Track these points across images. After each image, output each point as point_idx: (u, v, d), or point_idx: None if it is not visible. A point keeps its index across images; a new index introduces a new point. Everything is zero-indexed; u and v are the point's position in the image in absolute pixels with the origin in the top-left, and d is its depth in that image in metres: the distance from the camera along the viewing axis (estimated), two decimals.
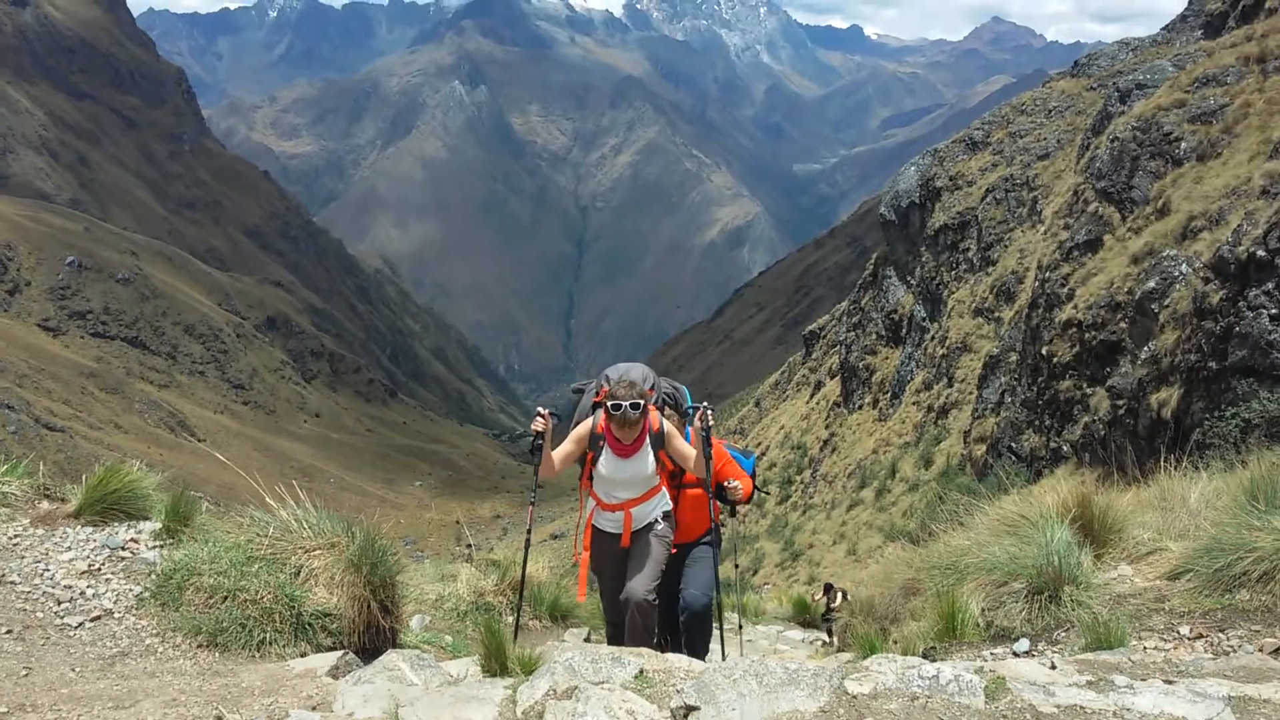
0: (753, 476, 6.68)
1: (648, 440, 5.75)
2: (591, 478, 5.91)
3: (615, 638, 6.05)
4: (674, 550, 6.00)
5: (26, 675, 4.27)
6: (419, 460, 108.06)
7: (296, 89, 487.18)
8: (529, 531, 6.43)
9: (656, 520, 5.86)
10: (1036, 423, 24.49)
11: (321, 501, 5.96)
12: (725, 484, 6.11)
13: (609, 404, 5.57)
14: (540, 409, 5.67)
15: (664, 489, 5.93)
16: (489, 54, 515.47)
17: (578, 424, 5.97)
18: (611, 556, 5.89)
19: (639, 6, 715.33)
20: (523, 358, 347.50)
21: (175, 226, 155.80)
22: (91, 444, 64.83)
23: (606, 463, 5.75)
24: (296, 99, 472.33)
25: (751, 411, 69.68)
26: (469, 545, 54.91)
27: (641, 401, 5.54)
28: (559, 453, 5.78)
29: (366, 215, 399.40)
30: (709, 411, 5.75)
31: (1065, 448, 22.47)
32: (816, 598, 14.48)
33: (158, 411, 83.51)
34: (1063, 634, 4.75)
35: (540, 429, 5.64)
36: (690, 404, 6.40)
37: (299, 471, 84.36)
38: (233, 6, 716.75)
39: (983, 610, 5.21)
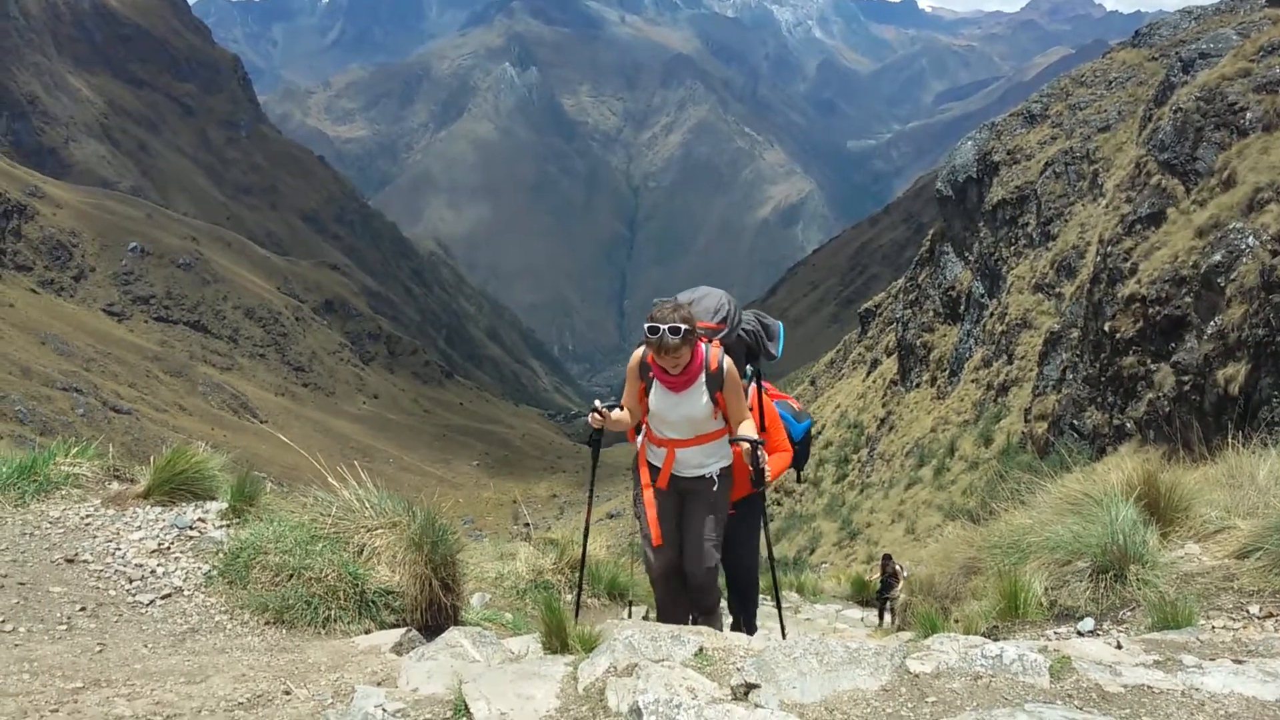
0: (808, 441, 5.93)
1: (702, 378, 5.10)
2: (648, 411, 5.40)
3: (668, 601, 5.62)
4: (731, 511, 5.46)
5: (101, 651, 4.39)
6: (476, 440, 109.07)
7: (349, 74, 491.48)
8: (588, 514, 6.19)
9: (711, 478, 5.28)
10: (1099, 400, 24.11)
11: (381, 481, 6.04)
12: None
13: (646, 326, 4.93)
14: (597, 403, 5.29)
15: (724, 439, 5.27)
16: (539, 35, 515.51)
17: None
18: (665, 502, 5.39)
19: None
20: (576, 338, 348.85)
21: (233, 212, 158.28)
22: (157, 426, 66.30)
23: (656, 395, 5.21)
24: (350, 83, 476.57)
25: (807, 390, 69.33)
26: (527, 524, 55.42)
27: (683, 326, 4.82)
28: (625, 395, 5.42)
29: (420, 198, 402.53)
30: (758, 451, 5.01)
31: (1129, 425, 22.11)
32: (873, 576, 14.27)
33: (220, 394, 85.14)
34: (1128, 613, 4.68)
35: (597, 425, 5.33)
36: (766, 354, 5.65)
37: (358, 451, 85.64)
38: None
39: (1046, 589, 5.15)
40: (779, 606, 6.27)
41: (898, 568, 13.03)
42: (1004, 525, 6.52)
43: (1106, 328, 23.29)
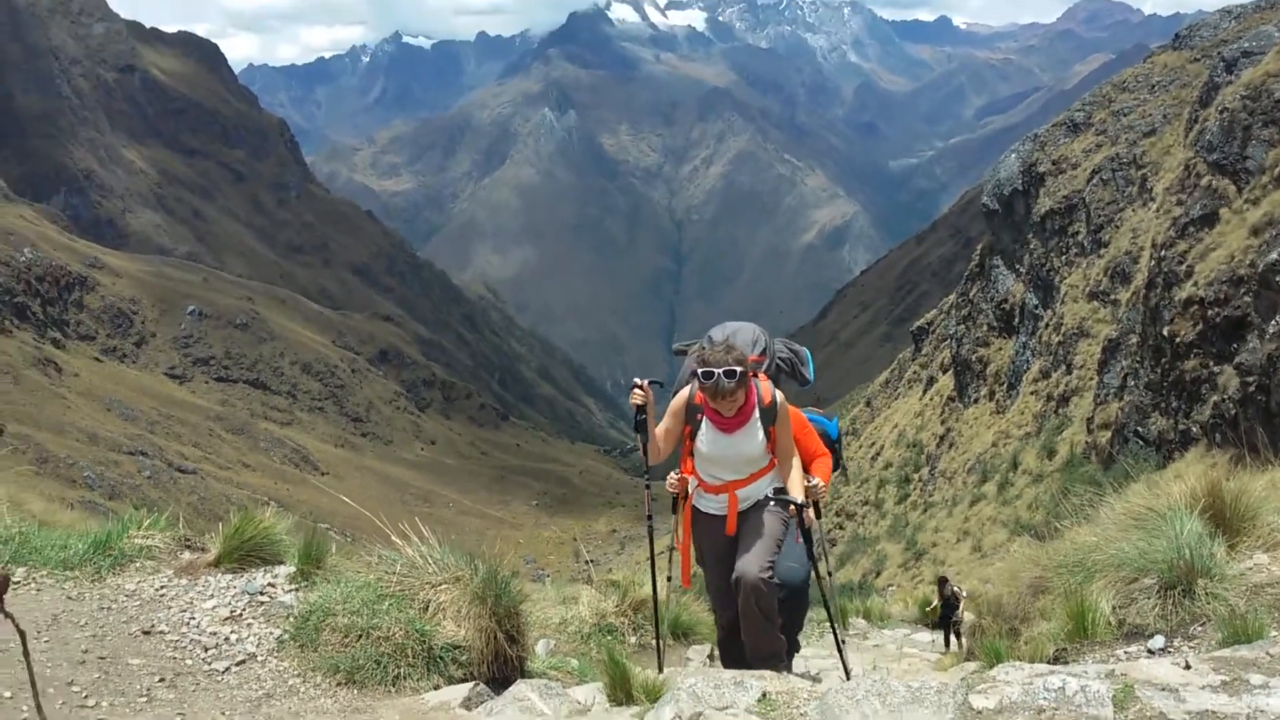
0: (840, 440, 5.95)
1: (756, 414, 4.98)
2: (692, 453, 5.18)
3: (729, 642, 5.45)
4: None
5: None
6: (533, 480, 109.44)
7: (393, 129, 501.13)
8: (651, 547, 5.77)
9: (767, 496, 5.10)
10: (1163, 405, 23.67)
11: (442, 527, 6.13)
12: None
13: (699, 371, 4.81)
14: (638, 380, 5.09)
15: (776, 467, 5.14)
16: (576, 79, 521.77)
17: (677, 392, 5.31)
18: (716, 544, 5.17)
19: (721, 19, 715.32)
20: (627, 374, 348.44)
21: (287, 270, 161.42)
22: (222, 484, 67.43)
23: (707, 438, 5.02)
24: (393, 139, 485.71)
25: (863, 411, 68.79)
26: (588, 561, 55.37)
27: (738, 368, 4.72)
28: (660, 430, 5.14)
29: (467, 245, 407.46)
30: (802, 514, 4.89)
31: (1195, 429, 21.67)
32: (933, 604, 14.09)
33: (282, 448, 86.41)
34: (1199, 628, 4.60)
35: (640, 401, 5.06)
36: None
37: (419, 498, 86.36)
38: (328, 55, 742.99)
39: (1114, 608, 5.08)
40: (840, 644, 5.95)
41: (956, 589, 12.87)
42: (1069, 543, 6.44)
43: (1166, 332, 22.92)
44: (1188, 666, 3.63)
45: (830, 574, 5.93)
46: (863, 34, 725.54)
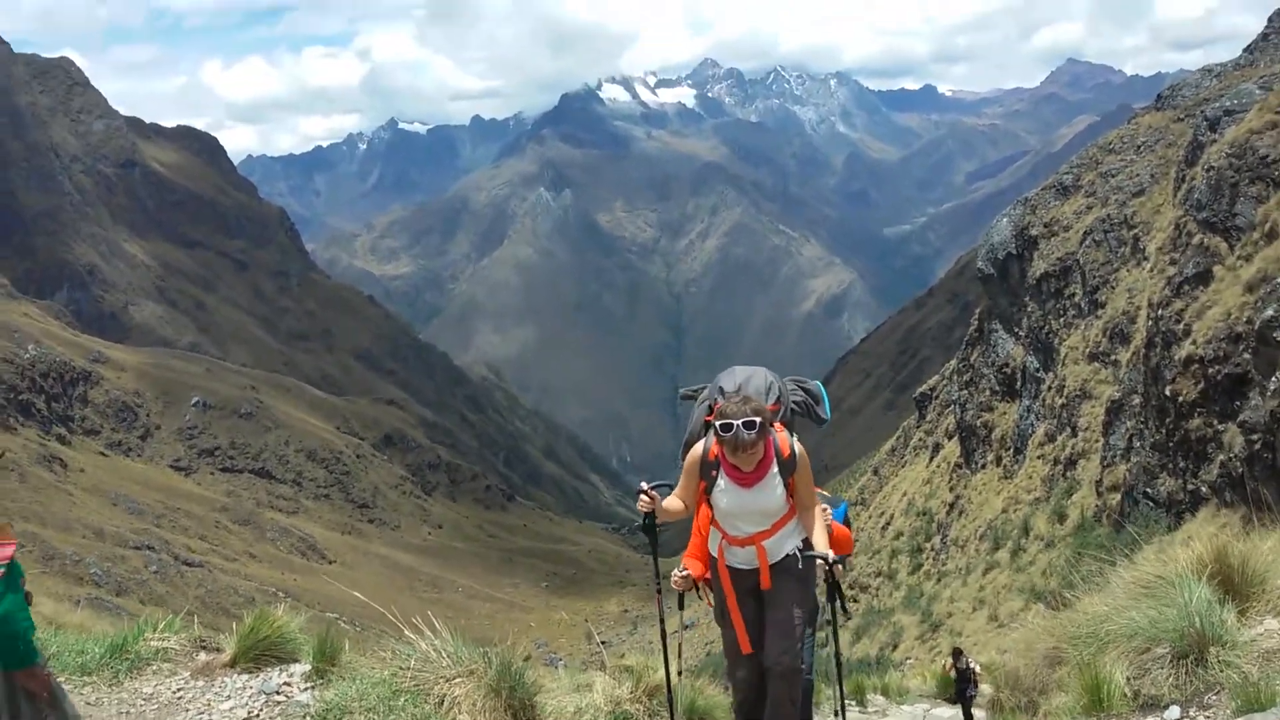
0: (846, 525, 5.90)
1: (774, 467, 4.83)
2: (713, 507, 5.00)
3: (745, 708, 5.20)
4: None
5: None
6: (542, 561, 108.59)
7: (391, 214, 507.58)
8: (663, 626, 5.68)
9: (795, 554, 4.91)
10: (1170, 465, 23.62)
11: (452, 612, 6.20)
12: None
13: (717, 425, 4.65)
14: (643, 485, 4.97)
15: (797, 517, 4.98)
16: (570, 158, 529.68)
17: (688, 445, 5.16)
18: (748, 600, 4.98)
19: (710, 94, 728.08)
20: (633, 448, 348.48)
21: (289, 357, 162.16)
22: (229, 575, 66.92)
23: (725, 493, 4.86)
24: (392, 223, 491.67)
25: (871, 480, 68.50)
26: (601, 643, 54.70)
27: (758, 419, 4.57)
28: (676, 494, 5.06)
29: (468, 326, 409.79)
30: (833, 568, 4.94)
31: (1204, 489, 21.60)
32: (947, 666, 14.02)
33: (288, 538, 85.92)
34: (1213, 697, 4.61)
35: (647, 509, 4.94)
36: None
37: (427, 583, 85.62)
38: (325, 144, 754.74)
39: (1128, 679, 5.09)
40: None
41: (971, 664, 12.78)
42: (1081, 613, 6.46)
43: (1168, 391, 22.97)
44: None
45: (836, 647, 5.87)
46: (850, 104, 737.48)
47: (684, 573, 5.26)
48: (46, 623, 7.37)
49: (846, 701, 12.67)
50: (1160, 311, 24.96)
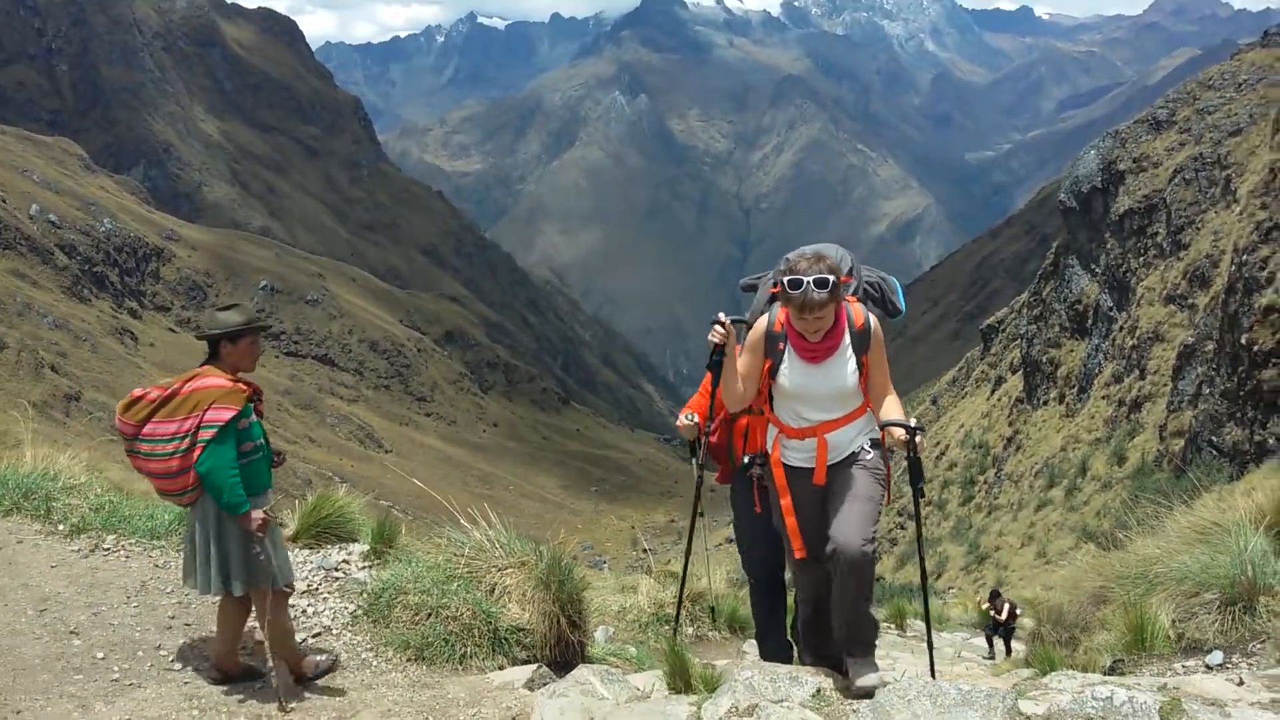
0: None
1: (846, 338, 4.31)
2: (772, 396, 4.47)
3: (809, 627, 4.74)
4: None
5: (261, 688, 4.75)
6: (593, 466, 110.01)
7: (465, 109, 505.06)
8: (697, 493, 5.14)
9: (863, 449, 4.36)
10: (1238, 415, 23.16)
11: (502, 509, 6.32)
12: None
13: (785, 280, 4.14)
14: (721, 315, 4.36)
15: (869, 413, 4.42)
16: (648, 62, 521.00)
17: (752, 324, 4.57)
18: (805, 500, 4.37)
19: (797, 4, 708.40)
20: (690, 362, 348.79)
21: (357, 248, 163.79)
22: (289, 458, 68.80)
23: (790, 371, 4.32)
24: (465, 118, 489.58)
25: (929, 410, 68.05)
26: (645, 550, 55.63)
27: (830, 277, 4.08)
28: (738, 368, 4.41)
29: (534, 228, 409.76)
30: (916, 438, 4.25)
31: (1271, 441, 21.21)
32: (983, 605, 14.09)
33: (348, 425, 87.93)
34: (1258, 646, 4.60)
35: (720, 340, 4.32)
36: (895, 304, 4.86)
37: (480, 479, 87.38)
38: (403, 35, 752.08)
39: (1173, 621, 5.08)
40: (930, 640, 5.42)
41: (1009, 604, 12.93)
42: (1132, 554, 6.42)
43: (1244, 340, 22.39)
44: (1241, 683, 3.65)
45: (922, 553, 5.29)
46: (941, 22, 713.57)
47: (691, 419, 4.81)
48: (115, 489, 7.67)
49: (886, 625, 12.82)
50: (1245, 257, 24.20)
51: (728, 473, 5.19)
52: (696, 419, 4.85)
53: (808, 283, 4.05)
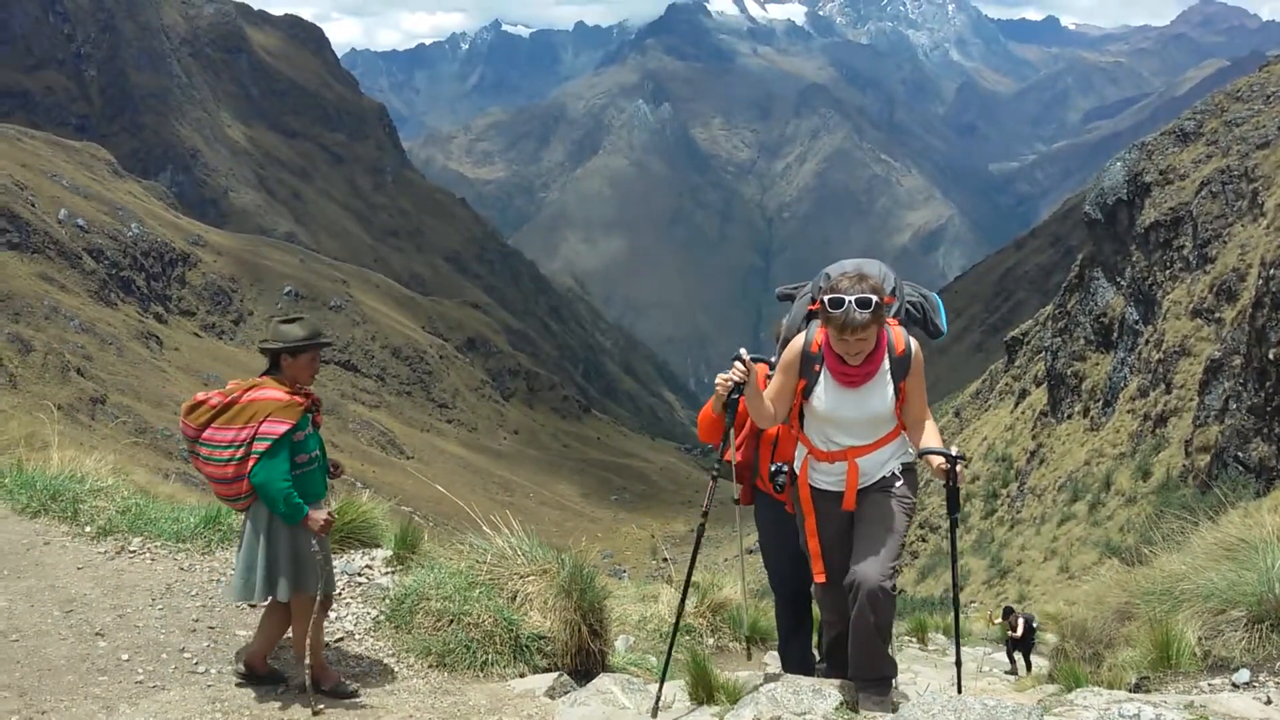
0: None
1: (886, 363, 4.16)
2: (802, 416, 4.34)
3: (836, 646, 4.59)
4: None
5: (283, 692, 4.77)
6: (613, 475, 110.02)
7: (489, 117, 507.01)
8: (709, 496, 4.61)
9: (894, 475, 4.27)
10: (1265, 430, 22.93)
11: (522, 517, 6.35)
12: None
13: (826, 299, 3.96)
14: (742, 352, 4.23)
15: (903, 436, 4.31)
16: (672, 71, 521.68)
17: (785, 342, 4.46)
18: (830, 523, 4.29)
19: (821, 13, 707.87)
20: (712, 371, 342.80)
21: (380, 254, 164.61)
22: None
23: (826, 394, 4.18)
24: (489, 126, 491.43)
25: (952, 422, 67.68)
26: (665, 559, 55.55)
27: (874, 298, 3.91)
28: (770, 390, 4.32)
29: (556, 235, 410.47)
30: (957, 467, 4.16)
31: None
32: (996, 621, 14.01)
33: (370, 431, 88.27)
34: None
35: (740, 379, 4.15)
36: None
37: (500, 486, 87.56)
38: (428, 42, 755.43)
39: (1199, 639, 5.03)
40: (958, 663, 5.39)
41: (1023, 619, 12.91)
42: (1158, 570, 6.37)
43: (1271, 355, 22.19)
44: (1269, 702, 3.62)
45: (955, 567, 5.24)
46: (966, 32, 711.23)
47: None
48: (141, 491, 7.74)
49: (907, 639, 12.76)
50: (1273, 271, 23.98)
51: (749, 494, 5.10)
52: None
53: (850, 302, 3.89)
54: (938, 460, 4.10)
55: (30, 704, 4.38)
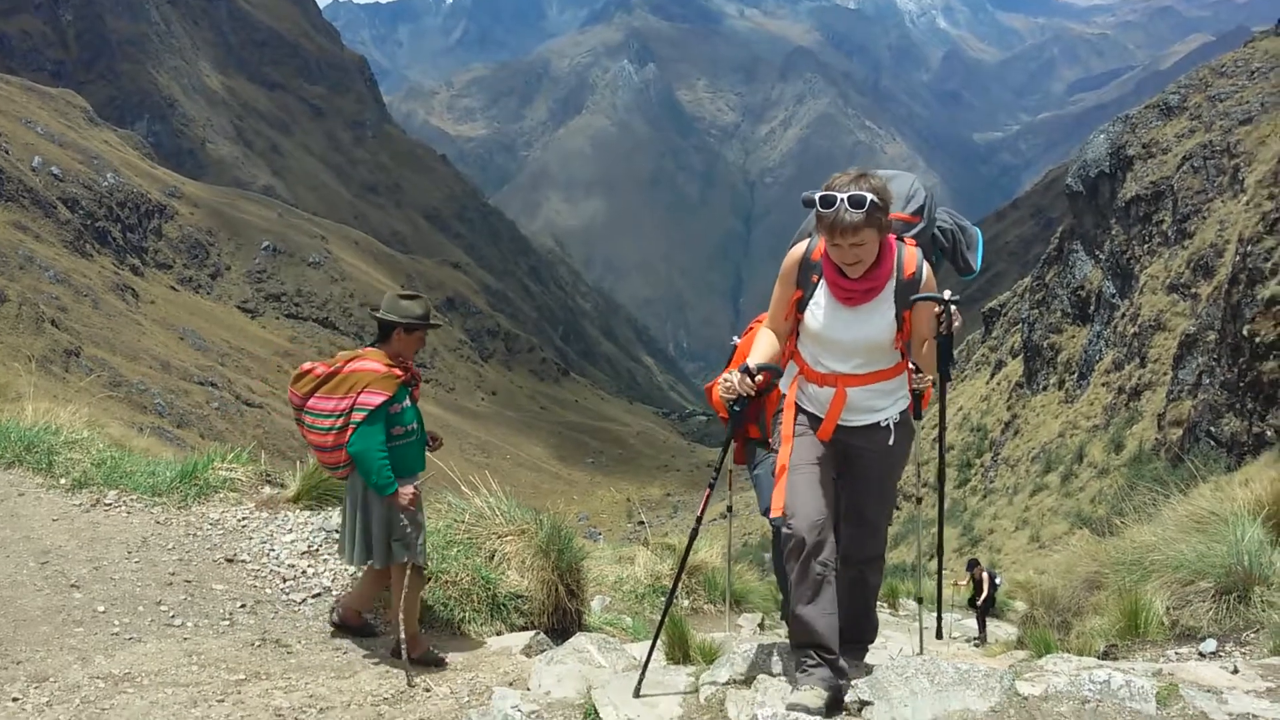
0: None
1: (890, 286, 3.68)
2: (798, 332, 3.85)
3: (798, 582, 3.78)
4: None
5: (259, 646, 4.78)
6: (590, 438, 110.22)
7: (471, 72, 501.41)
8: (699, 518, 4.31)
9: (888, 425, 3.80)
10: (1237, 406, 23.20)
11: (499, 477, 6.37)
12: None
13: (818, 196, 3.54)
14: (750, 365, 3.69)
15: (903, 376, 3.82)
16: (657, 31, 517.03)
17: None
18: (806, 450, 3.73)
19: None
20: (691, 336, 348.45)
21: (360, 210, 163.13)
22: (286, 420, 68.84)
23: (820, 310, 3.72)
24: (471, 81, 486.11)
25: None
26: (641, 522, 55.89)
27: (869, 196, 3.44)
28: (767, 323, 3.93)
29: (537, 194, 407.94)
30: (951, 308, 3.69)
31: (1270, 433, 21.25)
32: (961, 583, 13.76)
33: None
34: (1252, 635, 4.64)
35: (745, 394, 3.66)
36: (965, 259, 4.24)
37: (477, 447, 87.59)
38: None
39: (1168, 609, 5.12)
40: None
41: (986, 574, 12.69)
42: (1128, 541, 6.46)
43: (1245, 331, 22.39)
44: (1235, 671, 3.68)
45: (942, 509, 4.94)
46: None
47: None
48: (116, 445, 7.69)
49: (878, 604, 12.85)
50: (1250, 248, 24.16)
51: (742, 452, 4.96)
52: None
53: (841, 200, 3.43)
54: (927, 308, 3.70)
55: (5, 654, 4.38)
